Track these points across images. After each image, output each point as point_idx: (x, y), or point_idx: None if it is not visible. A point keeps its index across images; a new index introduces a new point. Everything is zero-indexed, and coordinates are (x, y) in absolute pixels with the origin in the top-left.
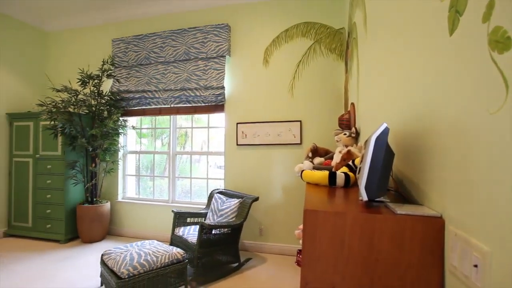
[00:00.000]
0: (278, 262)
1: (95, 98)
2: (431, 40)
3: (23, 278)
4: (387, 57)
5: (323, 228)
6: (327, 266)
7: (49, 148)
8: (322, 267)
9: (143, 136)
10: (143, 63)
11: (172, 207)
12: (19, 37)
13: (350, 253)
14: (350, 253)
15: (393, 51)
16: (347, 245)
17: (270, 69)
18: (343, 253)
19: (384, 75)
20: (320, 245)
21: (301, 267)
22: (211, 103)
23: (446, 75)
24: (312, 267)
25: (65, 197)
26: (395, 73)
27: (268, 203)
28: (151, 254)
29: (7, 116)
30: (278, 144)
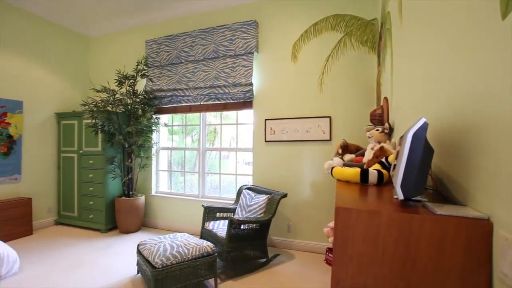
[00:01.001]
0: (306, 259)
1: (131, 97)
2: (478, 25)
3: (71, 262)
4: (425, 46)
5: (355, 226)
6: (359, 266)
7: (91, 145)
8: (354, 267)
9: (175, 133)
10: (174, 62)
11: (202, 202)
12: (66, 43)
13: (384, 254)
14: (385, 254)
15: (432, 39)
16: (381, 246)
17: (299, 64)
18: (377, 253)
19: (421, 67)
20: (352, 244)
21: (332, 266)
22: (240, 100)
23: (496, 65)
24: (344, 266)
25: (105, 190)
26: (434, 64)
27: (296, 199)
28: (183, 246)
29: (56, 115)
30: (306, 141)
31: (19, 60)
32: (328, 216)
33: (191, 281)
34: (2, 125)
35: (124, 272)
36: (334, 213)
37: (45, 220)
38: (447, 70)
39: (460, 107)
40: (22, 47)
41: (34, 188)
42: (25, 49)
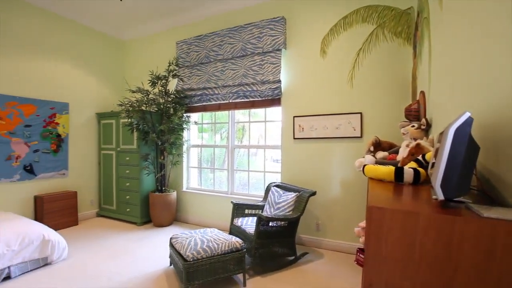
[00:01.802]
0: (335, 259)
1: (163, 96)
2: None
3: (111, 251)
4: (468, 35)
5: (390, 227)
6: (394, 269)
7: (127, 142)
8: (389, 269)
9: (204, 130)
10: (204, 61)
11: (230, 198)
12: (104, 48)
13: (422, 258)
14: (423, 257)
15: (477, 28)
16: (418, 248)
17: (328, 59)
18: (414, 256)
19: (464, 57)
20: (386, 246)
21: (364, 267)
22: (268, 97)
23: None
24: (377, 268)
25: (140, 185)
26: (480, 53)
27: (325, 198)
28: (213, 241)
29: (96, 115)
30: (336, 138)
31: (65, 65)
32: (358, 215)
33: (221, 275)
34: (52, 125)
35: (158, 264)
36: (366, 212)
37: (88, 212)
38: (495, 60)
39: (510, 100)
40: (67, 53)
41: (79, 182)
42: (69, 55)
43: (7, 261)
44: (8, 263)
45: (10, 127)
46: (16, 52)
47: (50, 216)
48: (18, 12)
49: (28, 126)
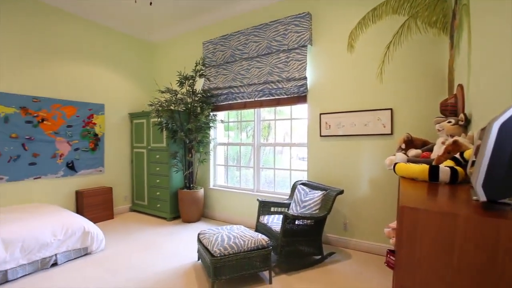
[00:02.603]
0: (364, 260)
1: (190, 96)
2: None
3: (143, 244)
4: None
5: (424, 229)
6: (430, 273)
7: (157, 141)
8: (423, 273)
9: (230, 129)
10: (229, 60)
11: (256, 196)
12: (134, 50)
13: (461, 263)
14: (462, 262)
15: None
16: (457, 253)
17: (356, 54)
18: (452, 261)
19: None
20: (420, 248)
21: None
22: (294, 95)
23: None
24: (411, 271)
25: (169, 182)
26: None
27: (353, 197)
28: (239, 238)
29: (129, 115)
30: (364, 135)
31: (100, 69)
32: (388, 215)
33: (247, 271)
34: (90, 125)
35: (186, 258)
36: (399, 212)
37: (122, 206)
38: None
39: None
40: (102, 58)
41: (114, 178)
42: (104, 60)
43: (54, 249)
44: (55, 251)
45: (55, 127)
46: (57, 58)
47: (89, 210)
48: (58, 22)
49: (70, 126)
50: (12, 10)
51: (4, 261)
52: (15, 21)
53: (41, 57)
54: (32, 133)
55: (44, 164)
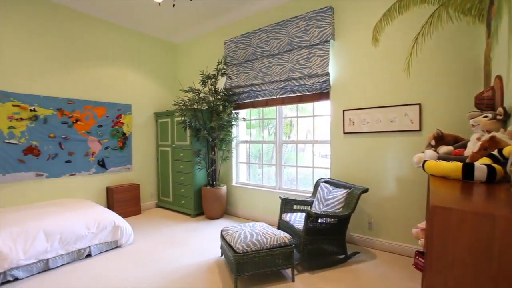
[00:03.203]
0: (389, 260)
1: (213, 95)
2: None
3: (169, 239)
4: None
5: (458, 230)
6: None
7: (181, 139)
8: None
9: (252, 126)
10: (251, 58)
11: (279, 194)
12: (159, 52)
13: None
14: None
15: None
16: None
17: (381, 48)
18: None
19: None
20: (453, 251)
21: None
22: (316, 91)
23: None
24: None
25: (193, 180)
26: None
27: (378, 195)
28: (262, 235)
29: (154, 115)
30: (390, 132)
31: (127, 71)
32: (416, 215)
33: (269, 268)
34: (119, 124)
35: (210, 253)
36: (430, 212)
37: (148, 203)
38: None
39: None
40: (129, 60)
41: (141, 176)
42: (131, 62)
43: (88, 241)
44: (89, 243)
45: (87, 127)
46: (89, 62)
47: (119, 205)
48: (89, 28)
49: (100, 126)
50: (50, 20)
51: (46, 251)
52: (52, 30)
53: (74, 61)
54: (68, 133)
55: (78, 162)
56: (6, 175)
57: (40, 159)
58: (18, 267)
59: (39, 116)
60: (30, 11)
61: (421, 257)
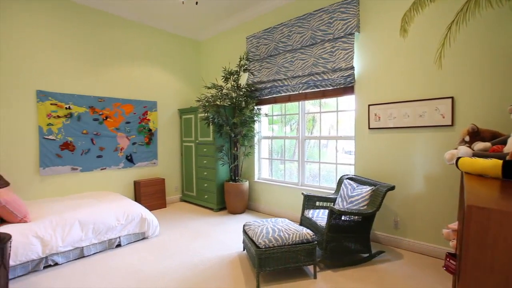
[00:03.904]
0: (417, 261)
1: (235, 91)
2: None
3: (192, 232)
4: None
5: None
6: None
7: (204, 135)
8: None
9: (274, 122)
10: (273, 54)
11: (301, 190)
12: (183, 50)
13: None
14: None
15: None
16: None
17: (410, 39)
18: None
19: None
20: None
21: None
22: (340, 86)
23: None
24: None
25: (216, 175)
26: None
27: (405, 193)
28: (284, 231)
29: (178, 111)
30: (419, 127)
31: (153, 69)
32: (446, 215)
33: (291, 264)
34: (145, 121)
35: (232, 247)
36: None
37: (173, 196)
38: None
39: None
40: (154, 58)
41: (166, 170)
42: (156, 60)
43: (118, 232)
44: (119, 234)
45: (116, 124)
46: (117, 62)
47: (145, 199)
48: (117, 28)
49: (128, 123)
50: (82, 24)
51: (81, 239)
52: (83, 33)
53: (104, 62)
54: (99, 129)
55: (108, 157)
56: (46, 169)
57: (75, 154)
58: (58, 253)
59: (73, 113)
60: (64, 17)
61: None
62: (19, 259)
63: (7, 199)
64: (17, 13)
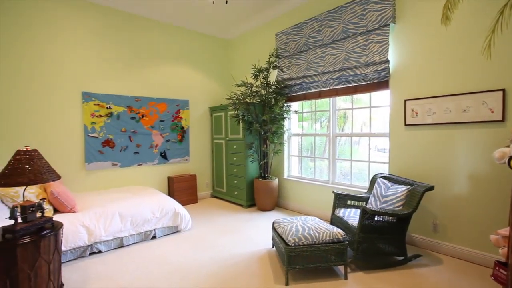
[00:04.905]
0: (459, 267)
1: (265, 88)
2: None
3: (222, 227)
4: None
5: None
6: None
7: (234, 132)
8: None
9: (304, 119)
10: (302, 50)
11: (331, 188)
12: (213, 49)
13: None
14: None
15: None
16: None
17: (453, 27)
18: None
19: None
20: None
21: None
22: (373, 81)
23: None
24: None
25: (246, 172)
26: None
27: (446, 194)
28: (314, 230)
29: (209, 109)
30: (463, 123)
31: (185, 68)
32: (494, 219)
33: (321, 264)
34: (178, 119)
35: (261, 244)
36: None
37: (204, 192)
38: None
39: None
40: (186, 58)
41: (197, 167)
42: (188, 59)
43: (153, 224)
44: (154, 226)
45: (151, 122)
46: (152, 62)
47: (178, 194)
48: (152, 31)
49: (162, 121)
50: (121, 30)
51: (120, 230)
52: (121, 37)
53: (140, 63)
54: (135, 127)
55: (144, 153)
56: (90, 164)
57: (115, 151)
58: (101, 242)
59: (113, 113)
60: (104, 23)
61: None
62: (69, 245)
63: (59, 191)
64: (61, 20)
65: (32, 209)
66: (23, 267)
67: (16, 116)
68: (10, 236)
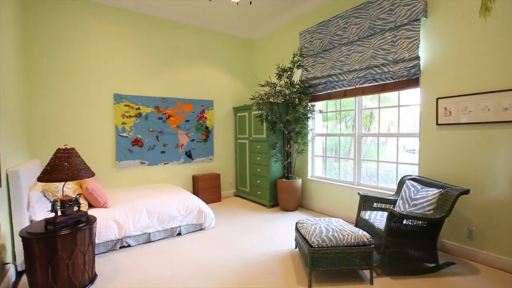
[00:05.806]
0: (498, 279)
1: (288, 87)
2: None
3: (245, 227)
4: None
5: None
6: None
7: (258, 132)
8: None
9: (329, 119)
10: (327, 48)
11: (357, 190)
12: (237, 49)
13: None
14: None
15: None
16: None
17: (493, 18)
18: None
19: None
20: None
21: None
22: (402, 78)
23: None
24: None
25: (269, 172)
26: None
27: (483, 199)
28: (338, 232)
29: (233, 109)
30: (504, 122)
31: (210, 69)
32: None
33: (345, 267)
34: (202, 119)
35: (284, 244)
36: None
37: (228, 191)
38: None
39: None
40: (210, 59)
41: (221, 166)
42: (212, 60)
43: (178, 221)
44: (179, 223)
45: (177, 122)
46: (178, 64)
47: (203, 192)
48: (178, 33)
49: (187, 121)
50: (147, 35)
51: (148, 226)
52: (148, 40)
53: (167, 65)
54: (162, 127)
55: (170, 152)
56: (121, 162)
57: (143, 150)
58: (130, 236)
59: (142, 113)
60: (132, 26)
61: None
62: (102, 239)
63: (93, 187)
64: (94, 26)
65: (70, 203)
66: (62, 256)
67: (57, 117)
68: (51, 228)
